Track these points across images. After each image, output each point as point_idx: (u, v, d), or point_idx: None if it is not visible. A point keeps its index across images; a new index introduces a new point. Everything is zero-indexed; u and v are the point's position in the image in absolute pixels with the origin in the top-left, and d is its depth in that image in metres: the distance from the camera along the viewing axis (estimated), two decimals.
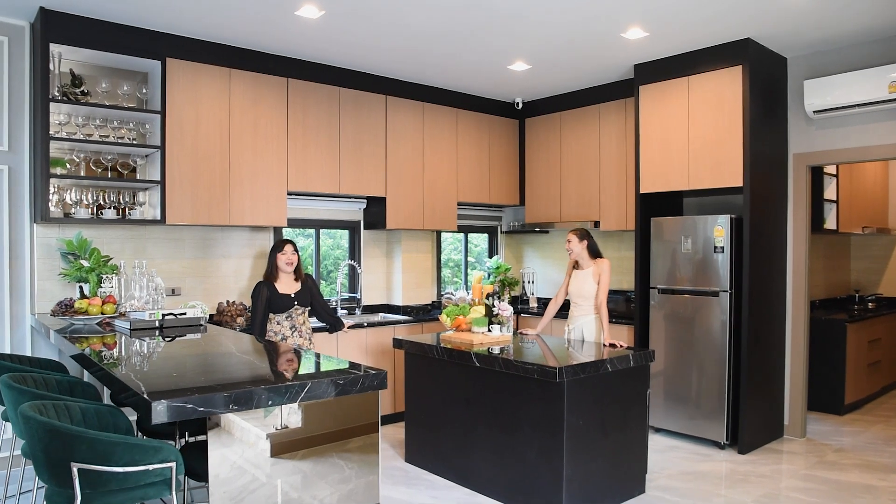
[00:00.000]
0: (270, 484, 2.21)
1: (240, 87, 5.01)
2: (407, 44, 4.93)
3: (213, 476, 2.10)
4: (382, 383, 2.43)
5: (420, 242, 6.39)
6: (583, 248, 4.77)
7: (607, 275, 4.69)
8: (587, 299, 4.76)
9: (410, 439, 4.65)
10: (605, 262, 4.74)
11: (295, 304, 4.66)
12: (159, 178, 4.64)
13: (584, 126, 6.27)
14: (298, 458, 2.28)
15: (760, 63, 4.96)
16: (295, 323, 4.66)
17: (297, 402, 2.24)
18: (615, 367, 3.80)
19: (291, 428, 2.27)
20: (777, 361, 5.25)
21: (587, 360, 3.73)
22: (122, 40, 4.50)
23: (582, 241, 4.77)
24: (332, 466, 2.36)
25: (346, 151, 5.58)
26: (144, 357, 2.99)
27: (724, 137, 4.96)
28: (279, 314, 4.63)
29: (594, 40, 4.88)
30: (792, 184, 5.27)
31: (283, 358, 2.92)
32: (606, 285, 4.68)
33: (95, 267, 4.24)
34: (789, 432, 5.29)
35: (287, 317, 4.64)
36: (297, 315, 4.68)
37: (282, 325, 4.63)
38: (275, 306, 4.60)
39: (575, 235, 4.78)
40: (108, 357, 2.94)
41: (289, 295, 4.64)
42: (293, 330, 4.65)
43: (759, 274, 4.99)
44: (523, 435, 3.77)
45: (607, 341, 4.39)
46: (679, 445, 5.07)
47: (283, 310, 4.62)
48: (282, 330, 4.63)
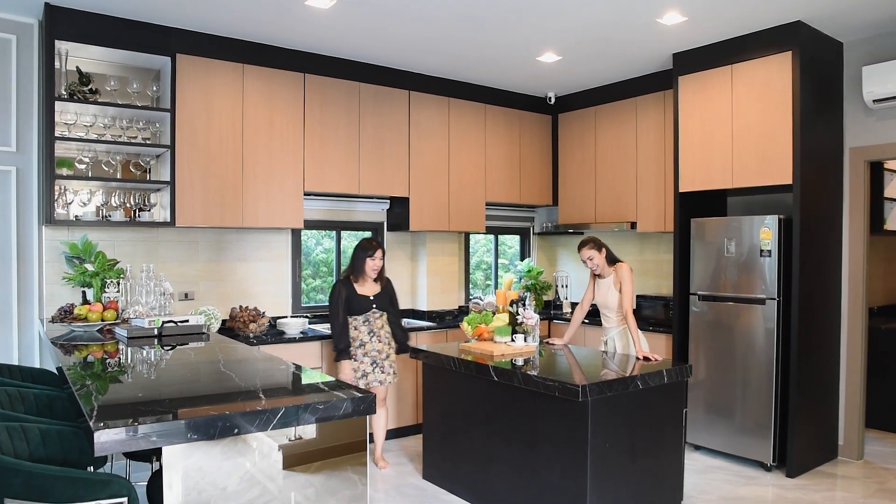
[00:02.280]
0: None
1: (254, 83, 4.81)
2: (425, 33, 4.64)
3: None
4: (369, 408, 2.16)
5: (446, 245, 6.10)
6: (602, 259, 4.41)
7: (628, 282, 4.31)
8: (612, 310, 4.40)
9: (428, 455, 4.37)
10: (623, 266, 4.37)
11: (373, 308, 4.49)
12: (169, 179, 4.48)
13: (620, 121, 5.90)
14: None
15: (813, 48, 4.52)
16: (373, 327, 4.49)
17: (268, 430, 1.99)
18: (647, 385, 3.45)
19: (273, 454, 2.02)
20: (830, 374, 4.80)
21: (614, 377, 3.39)
22: (129, 36, 4.35)
23: (601, 253, 4.40)
24: (332, 485, 2.10)
25: (367, 150, 5.33)
26: (126, 370, 2.79)
27: (771, 130, 4.55)
28: (356, 317, 4.46)
29: (628, 27, 4.52)
30: (848, 181, 4.81)
31: (272, 375, 2.67)
32: (630, 293, 4.30)
33: (100, 271, 4.09)
34: (844, 453, 4.83)
35: (364, 321, 4.48)
36: (375, 319, 4.51)
37: (359, 329, 4.47)
38: (352, 308, 4.44)
39: (592, 250, 4.37)
40: (86, 370, 2.74)
41: (368, 297, 4.48)
42: (371, 335, 4.48)
43: (810, 279, 4.55)
44: (545, 457, 3.46)
45: (640, 354, 4.04)
46: (720, 466, 4.67)
47: (360, 312, 4.46)
48: (359, 335, 4.47)
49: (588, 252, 4.38)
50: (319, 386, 2.34)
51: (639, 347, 4.13)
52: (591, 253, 4.38)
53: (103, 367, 2.86)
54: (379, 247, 4.52)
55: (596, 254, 4.38)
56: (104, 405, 2.03)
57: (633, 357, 4.02)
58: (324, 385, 2.34)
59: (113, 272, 4.16)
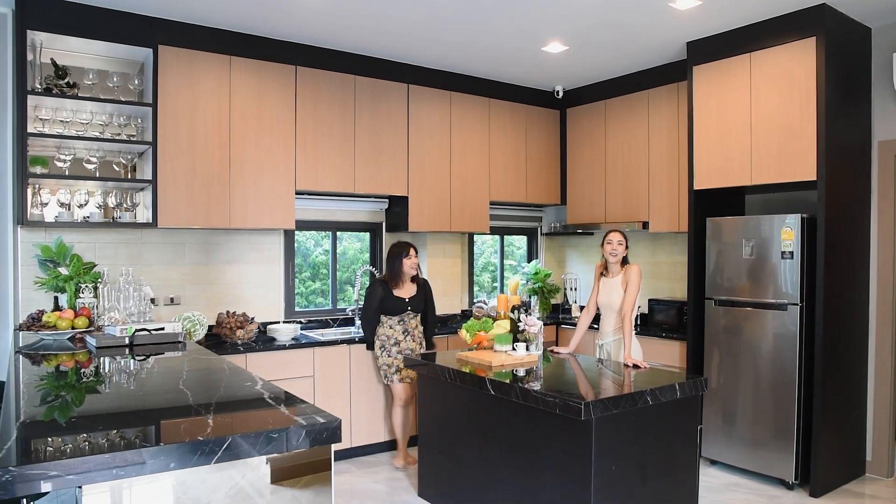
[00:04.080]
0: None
1: (242, 76, 4.56)
2: (421, 16, 4.35)
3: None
4: (333, 437, 1.89)
5: (448, 246, 5.82)
6: (623, 253, 4.17)
7: (635, 283, 4.06)
8: (614, 311, 4.18)
9: (424, 471, 4.09)
10: (634, 267, 4.12)
11: (408, 309, 4.60)
12: (151, 178, 4.24)
13: (632, 115, 5.58)
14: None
15: (839, 34, 4.19)
16: (407, 327, 4.61)
17: (211, 464, 1.72)
18: (657, 400, 3.14)
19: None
20: (858, 385, 4.46)
21: (621, 392, 3.10)
22: (108, 26, 4.11)
23: (625, 247, 4.16)
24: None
25: (363, 146, 5.06)
26: (73, 388, 2.54)
27: (793, 123, 4.22)
28: (391, 317, 4.58)
29: (638, 13, 4.22)
30: (877, 176, 4.47)
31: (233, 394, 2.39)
32: (633, 295, 4.07)
33: (74, 275, 3.85)
34: (872, 470, 4.48)
35: (399, 321, 4.59)
36: (410, 319, 4.64)
37: (394, 328, 4.58)
38: (387, 308, 4.56)
39: (622, 235, 4.17)
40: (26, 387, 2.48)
41: (403, 299, 4.59)
42: (406, 334, 4.60)
43: (835, 283, 4.22)
44: (546, 478, 3.17)
45: (628, 360, 3.78)
46: (738, 483, 4.35)
47: (395, 313, 4.58)
48: (394, 334, 4.58)
49: (619, 237, 4.15)
50: (281, 412, 2.06)
51: (627, 353, 3.87)
52: (620, 238, 4.16)
53: (51, 383, 2.61)
54: (411, 246, 4.63)
55: (623, 244, 4.16)
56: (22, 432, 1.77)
57: (633, 365, 3.75)
58: (286, 409, 2.06)
59: (88, 276, 3.92)
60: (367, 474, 4.51)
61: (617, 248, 4.15)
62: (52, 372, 2.83)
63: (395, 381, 4.59)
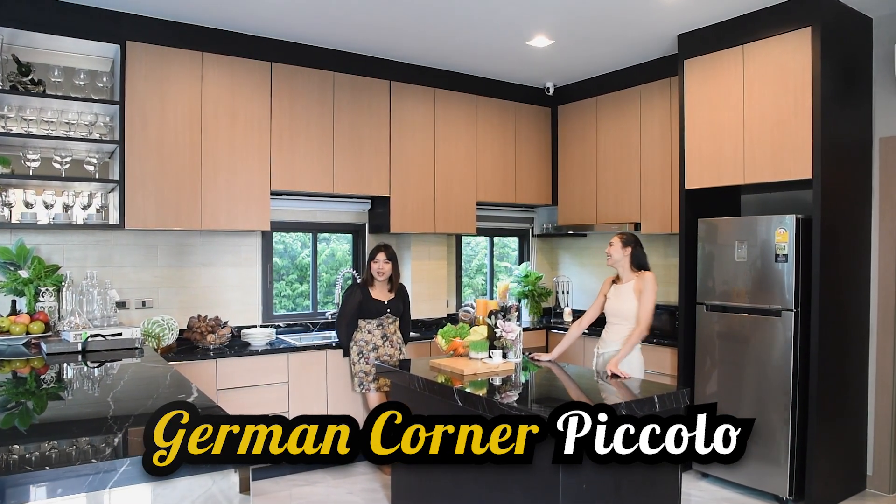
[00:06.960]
0: None
1: (214, 73, 4.41)
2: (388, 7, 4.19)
3: None
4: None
5: (433, 248, 5.64)
6: (625, 256, 3.91)
7: (650, 291, 3.80)
8: (627, 319, 3.88)
9: (397, 484, 3.92)
10: (648, 275, 3.86)
11: (387, 312, 4.51)
12: (118, 178, 4.10)
13: (623, 112, 5.38)
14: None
15: (837, 24, 3.98)
16: (386, 332, 4.52)
17: (106, 488, 1.56)
18: (633, 413, 2.95)
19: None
20: (857, 395, 4.24)
21: (593, 405, 2.90)
22: (72, 22, 3.98)
23: (626, 248, 3.90)
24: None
25: (343, 145, 4.90)
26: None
27: (788, 119, 4.01)
28: (370, 321, 4.49)
29: (623, 5, 4.03)
30: (878, 175, 4.24)
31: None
32: (649, 303, 3.80)
33: (34, 278, 3.72)
34: (873, 485, 4.25)
35: (378, 325, 4.50)
36: (389, 324, 4.54)
37: (373, 333, 4.50)
38: (365, 311, 4.48)
39: (619, 239, 3.92)
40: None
41: (382, 301, 4.50)
42: (384, 339, 4.51)
43: (833, 288, 4.00)
44: (514, 494, 2.98)
45: (611, 368, 3.59)
46: (729, 498, 4.14)
47: (373, 316, 4.49)
48: (373, 339, 4.49)
49: (614, 240, 3.94)
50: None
51: (615, 360, 3.67)
52: (615, 241, 3.93)
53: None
54: (381, 250, 4.50)
55: (619, 245, 3.91)
56: None
57: (638, 378, 3.56)
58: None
59: (50, 279, 3.79)
60: (342, 485, 4.34)
61: (609, 250, 3.95)
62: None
63: (371, 390, 4.44)
